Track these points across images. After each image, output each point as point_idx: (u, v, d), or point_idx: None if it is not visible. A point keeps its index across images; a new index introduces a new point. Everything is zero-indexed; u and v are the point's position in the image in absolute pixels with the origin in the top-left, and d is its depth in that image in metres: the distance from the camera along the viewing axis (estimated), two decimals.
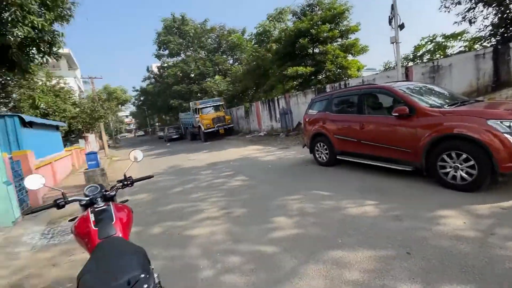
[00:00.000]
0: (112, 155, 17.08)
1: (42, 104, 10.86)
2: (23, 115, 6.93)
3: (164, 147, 19.54)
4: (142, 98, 37.79)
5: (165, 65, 28.93)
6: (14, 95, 10.43)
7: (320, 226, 3.15)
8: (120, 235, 1.59)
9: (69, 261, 3.20)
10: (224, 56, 26.69)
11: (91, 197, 1.94)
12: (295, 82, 16.21)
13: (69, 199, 1.88)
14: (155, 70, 33.28)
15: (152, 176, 2.44)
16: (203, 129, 17.56)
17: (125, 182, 2.17)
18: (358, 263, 2.33)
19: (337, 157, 5.76)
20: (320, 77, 14.94)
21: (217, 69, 26.30)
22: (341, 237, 2.81)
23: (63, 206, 1.84)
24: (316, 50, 14.63)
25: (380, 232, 2.81)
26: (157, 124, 49.21)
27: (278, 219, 3.50)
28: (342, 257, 2.45)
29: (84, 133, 17.81)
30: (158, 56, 29.38)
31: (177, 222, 3.92)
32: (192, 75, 26.42)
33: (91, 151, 7.39)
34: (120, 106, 36.26)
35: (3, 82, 9.86)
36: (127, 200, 2.41)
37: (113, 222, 1.63)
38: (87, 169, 7.20)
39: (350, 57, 14.43)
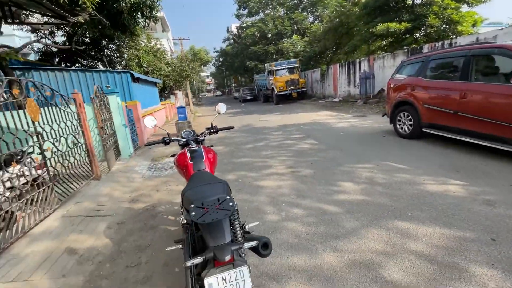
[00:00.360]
0: (195, 111, 19.29)
1: (144, 63, 12.84)
2: (133, 72, 8.42)
3: (239, 107, 20.75)
4: (221, 59, 39.82)
5: (244, 25, 29.10)
6: (125, 55, 12.60)
7: (389, 196, 3.05)
8: (208, 170, 1.97)
9: (167, 189, 4.09)
10: (304, 13, 24.87)
11: (186, 139, 2.41)
12: (383, 42, 14.11)
13: (172, 138, 2.39)
14: (234, 30, 33.95)
15: (233, 127, 2.76)
16: (276, 91, 17.65)
17: (212, 130, 2.55)
18: (426, 237, 2.25)
19: (423, 129, 5.09)
20: (417, 35, 12.52)
21: (295, 28, 24.95)
22: (411, 211, 2.69)
23: (168, 143, 2.36)
24: (417, 1, 12.08)
25: (461, 213, 2.55)
26: (233, 85, 51.75)
27: (344, 184, 3.53)
28: (409, 229, 2.39)
29: (174, 90, 20.38)
30: (238, 16, 29.60)
31: (248, 173, 4.40)
32: (269, 35, 25.93)
33: (180, 106, 8.59)
34: (202, 66, 39.30)
35: (118, 44, 11.96)
36: (212, 146, 2.85)
37: (203, 160, 2.01)
38: (177, 120, 8.47)
39: (465, 8, 11.40)
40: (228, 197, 1.34)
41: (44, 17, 6.99)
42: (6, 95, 2.67)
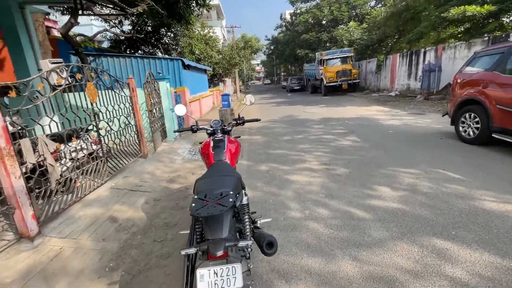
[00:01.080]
0: (242, 99, 19.68)
1: (196, 50, 13.50)
2: (184, 59, 8.93)
3: (285, 96, 20.46)
4: (272, 47, 39.40)
5: (298, 11, 28.07)
6: (180, 43, 13.42)
7: (431, 208, 2.69)
8: (228, 161, 2.00)
9: (200, 173, 4.28)
10: None
11: (213, 128, 2.47)
12: (458, 29, 12.13)
13: (200, 126, 2.47)
14: (288, 17, 33.04)
15: (259, 120, 2.73)
16: (324, 82, 16.85)
17: (238, 121, 2.56)
18: (469, 263, 1.93)
19: (493, 135, 4.31)
20: (504, 19, 10.42)
21: (353, 13, 23.08)
22: (456, 229, 2.34)
23: (195, 131, 2.46)
24: None
25: None
26: (282, 73, 51.04)
27: (380, 188, 3.24)
28: (449, 249, 2.09)
29: (223, 77, 21.05)
30: (292, 2, 28.65)
31: (280, 166, 4.35)
32: (324, 22, 24.57)
33: (225, 93, 8.85)
34: (253, 54, 39.54)
35: (174, 32, 12.77)
36: (239, 137, 2.88)
37: (224, 150, 2.04)
38: (221, 107, 8.77)
39: None
40: (231, 193, 1.33)
41: (107, 9, 7.77)
42: (70, 79, 3.09)
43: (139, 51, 13.22)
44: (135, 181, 3.96)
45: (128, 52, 12.47)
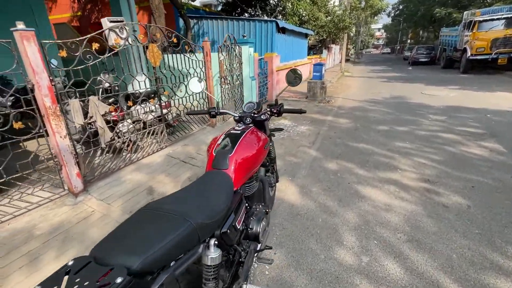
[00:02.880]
0: (346, 70, 17.23)
1: (301, 9, 12.14)
2: (278, 21, 8.05)
3: (403, 70, 16.50)
4: (400, 7, 31.99)
5: None
6: (281, 2, 12.34)
7: None
8: (230, 172, 1.31)
9: None
10: None
11: (239, 115, 1.77)
12: None
13: (221, 110, 1.82)
14: None
15: (304, 112, 1.82)
16: (468, 53, 12.26)
17: (273, 110, 1.76)
18: None
19: None
20: None
21: None
22: None
23: (214, 116, 1.83)
24: None
25: None
26: (408, 41, 41.68)
27: None
28: None
29: (329, 43, 18.77)
30: None
31: (356, 168, 3.25)
32: None
33: (318, 63, 7.60)
34: (373, 16, 33.43)
35: None
36: (281, 129, 2.07)
37: (230, 155, 1.35)
38: (311, 79, 7.66)
39: None
40: (204, 222, 0.71)
41: None
42: (131, 39, 2.96)
43: (245, 14, 13.08)
44: (192, 152, 3.83)
45: (234, 14, 12.52)
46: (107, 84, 3.81)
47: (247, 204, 1.60)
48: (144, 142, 3.59)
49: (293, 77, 2.17)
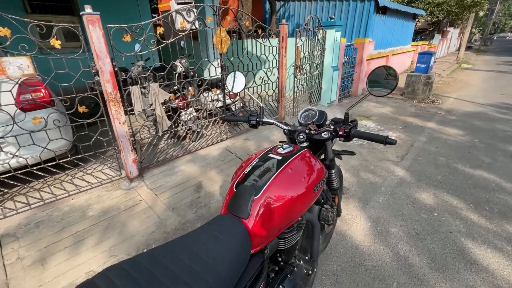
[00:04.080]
0: (464, 61, 13.54)
1: None
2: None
3: None
4: None
5: None
6: None
7: None
8: (250, 224, 0.85)
9: None
10: None
11: (290, 128, 1.26)
12: None
13: (265, 119, 1.34)
14: None
15: (354, 154, 1.14)
16: None
17: (338, 130, 1.16)
18: None
19: None
20: None
21: None
22: None
23: (255, 126, 1.36)
24: None
25: None
26: None
27: None
28: None
29: (446, 26, 15.07)
30: None
31: (466, 211, 2.24)
32: None
33: (426, 51, 5.95)
34: None
35: None
36: (353, 153, 1.41)
37: (254, 197, 0.88)
38: (412, 71, 6.14)
39: None
40: None
41: None
42: (198, 22, 2.74)
43: None
44: (251, 148, 3.51)
45: None
46: (181, 69, 3.83)
47: (280, 259, 1.12)
48: (206, 132, 3.47)
49: (382, 79, 1.40)
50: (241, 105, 3.99)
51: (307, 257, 1.23)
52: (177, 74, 3.50)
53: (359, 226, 2.08)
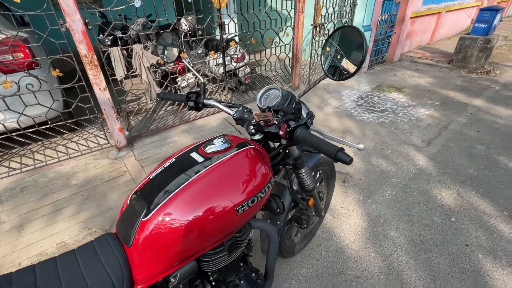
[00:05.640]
0: None
1: None
2: None
3: None
4: None
5: None
6: None
7: None
8: (134, 254, 0.63)
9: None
10: None
11: (236, 116, 0.95)
12: None
13: (207, 101, 1.02)
14: None
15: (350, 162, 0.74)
16: None
17: (277, 123, 0.82)
18: None
19: None
20: None
21: None
22: None
23: (195, 109, 1.05)
24: None
25: None
26: None
27: None
28: None
29: None
30: None
31: (500, 218, 1.80)
32: None
33: (491, 6, 4.71)
34: None
35: None
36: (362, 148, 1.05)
37: (142, 219, 0.64)
38: (468, 33, 5.01)
39: None
40: None
41: None
42: None
43: None
44: None
45: None
46: (187, 28, 3.47)
47: (212, 279, 0.91)
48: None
49: (348, 49, 0.84)
50: (248, 70, 3.59)
51: (254, 274, 1.00)
52: (182, 34, 3.18)
53: (352, 224, 1.78)
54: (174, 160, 0.79)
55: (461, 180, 2.16)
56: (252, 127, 0.90)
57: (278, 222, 1.17)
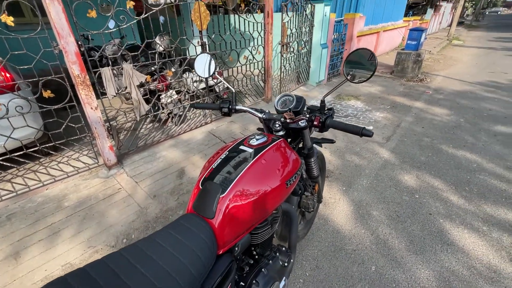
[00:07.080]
0: (455, 37, 13.40)
1: None
2: None
3: None
4: None
5: None
6: None
7: None
8: (215, 225, 0.79)
9: None
10: None
11: (265, 116, 1.17)
12: None
13: (239, 107, 1.24)
14: None
15: (333, 142, 1.08)
16: None
17: (313, 120, 1.09)
18: None
19: None
20: None
21: None
22: None
23: (227, 114, 1.27)
24: None
25: None
26: None
27: None
28: None
29: (439, 1, 14.71)
30: None
31: (447, 192, 2.27)
32: None
33: (417, 27, 5.78)
34: None
35: None
36: (332, 142, 1.34)
37: (220, 195, 0.82)
38: (402, 49, 6.01)
39: None
40: None
41: None
42: None
43: None
44: (236, 131, 3.42)
45: None
46: (161, 48, 3.60)
47: (255, 253, 1.08)
48: (190, 115, 3.34)
49: (361, 63, 1.23)
50: (226, 86, 3.83)
51: (284, 248, 1.20)
52: (157, 54, 3.30)
53: (341, 210, 2.08)
54: (227, 152, 0.98)
55: (417, 166, 2.65)
56: (277, 124, 1.13)
57: (293, 207, 1.40)
